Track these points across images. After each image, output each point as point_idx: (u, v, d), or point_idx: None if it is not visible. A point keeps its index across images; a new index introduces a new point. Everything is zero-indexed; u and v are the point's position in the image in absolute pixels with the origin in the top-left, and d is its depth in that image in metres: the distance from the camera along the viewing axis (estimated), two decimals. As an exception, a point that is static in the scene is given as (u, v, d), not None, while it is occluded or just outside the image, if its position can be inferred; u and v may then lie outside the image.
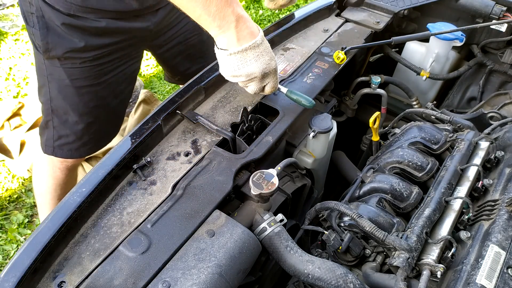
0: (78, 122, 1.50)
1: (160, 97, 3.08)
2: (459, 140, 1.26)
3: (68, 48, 1.35)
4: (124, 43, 1.43)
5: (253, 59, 1.03)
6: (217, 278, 0.86)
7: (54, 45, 1.34)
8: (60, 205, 0.95)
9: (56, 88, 1.44)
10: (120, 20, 1.37)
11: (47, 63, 1.40)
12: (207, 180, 1.03)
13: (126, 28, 1.39)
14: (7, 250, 2.20)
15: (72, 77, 1.41)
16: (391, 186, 1.14)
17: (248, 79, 1.09)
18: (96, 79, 1.45)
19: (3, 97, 2.95)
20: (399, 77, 1.84)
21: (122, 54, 1.47)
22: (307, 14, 1.57)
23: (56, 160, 1.62)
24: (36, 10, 1.31)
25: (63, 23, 1.31)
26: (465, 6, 1.71)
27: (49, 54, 1.36)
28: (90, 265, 0.89)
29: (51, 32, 1.33)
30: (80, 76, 1.42)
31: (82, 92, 1.45)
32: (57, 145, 1.54)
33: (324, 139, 1.25)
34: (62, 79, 1.42)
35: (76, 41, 1.34)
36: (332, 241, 1.02)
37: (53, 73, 1.42)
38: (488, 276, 0.88)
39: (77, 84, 1.43)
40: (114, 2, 1.32)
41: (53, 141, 1.54)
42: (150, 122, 1.14)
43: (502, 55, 1.75)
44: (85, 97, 1.47)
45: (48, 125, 1.53)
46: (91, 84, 1.45)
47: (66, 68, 1.39)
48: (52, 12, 1.30)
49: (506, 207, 1.01)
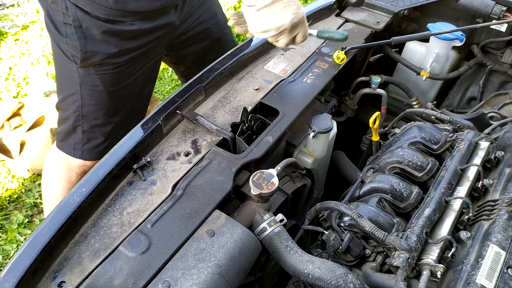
0: (107, 123, 1.52)
1: (160, 97, 3.08)
2: (459, 140, 1.26)
3: (106, 55, 1.36)
4: (153, 43, 1.45)
5: (281, 10, 1.05)
6: (217, 278, 0.86)
7: (93, 53, 1.35)
8: (60, 205, 0.95)
9: (89, 94, 1.45)
10: (149, 20, 1.38)
11: (81, 71, 1.40)
12: (207, 180, 1.03)
13: (155, 26, 1.41)
14: (7, 250, 2.20)
15: (105, 83, 1.43)
16: (391, 186, 1.14)
17: (278, 32, 1.11)
18: (126, 80, 1.47)
19: (3, 97, 2.95)
20: (399, 77, 1.84)
21: (150, 53, 1.49)
22: (307, 14, 1.56)
23: (74, 165, 1.62)
24: (73, 20, 1.30)
25: (103, 31, 1.32)
26: (465, 6, 1.71)
27: (86, 62, 1.37)
28: (90, 265, 0.89)
29: (90, 40, 1.34)
30: (112, 81, 1.44)
31: (113, 95, 1.47)
32: (86, 148, 1.56)
33: (324, 139, 1.25)
34: (95, 85, 1.43)
35: (112, 47, 1.36)
36: (332, 241, 1.02)
37: (86, 80, 1.42)
38: (488, 276, 0.88)
39: (109, 89, 1.45)
40: (148, 1, 1.33)
41: (81, 145, 1.55)
42: (150, 122, 1.14)
43: (502, 55, 1.75)
44: (116, 100, 1.49)
45: (76, 130, 1.53)
46: (121, 87, 1.47)
47: (101, 75, 1.41)
48: (91, 21, 1.31)
49: (506, 207, 1.01)
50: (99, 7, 1.28)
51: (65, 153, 1.59)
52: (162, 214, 0.96)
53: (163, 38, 1.51)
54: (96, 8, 1.28)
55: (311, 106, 1.34)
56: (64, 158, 1.61)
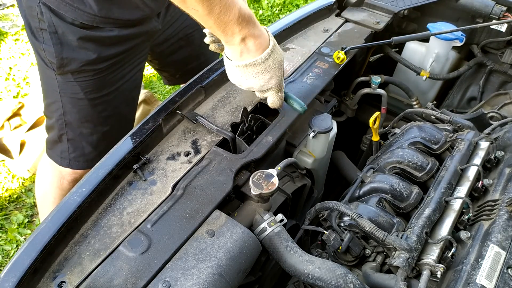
0: (93, 132, 1.49)
1: (160, 97, 3.08)
2: (459, 140, 1.26)
3: (83, 62, 1.33)
4: (132, 49, 1.43)
5: (251, 75, 1.07)
6: (217, 278, 0.86)
7: (69, 60, 1.32)
8: (60, 205, 0.95)
9: (70, 102, 1.42)
10: (131, 27, 1.36)
11: (60, 79, 1.37)
12: (207, 180, 1.03)
13: (136, 33, 1.39)
14: (7, 250, 2.20)
15: (85, 90, 1.39)
16: (391, 186, 1.14)
17: (249, 89, 1.14)
18: (108, 88, 1.44)
19: (3, 97, 2.95)
20: (399, 77, 1.84)
21: (131, 60, 1.46)
22: (307, 14, 1.57)
23: (65, 172, 1.60)
24: (48, 26, 1.27)
25: (79, 38, 1.29)
26: (465, 6, 1.71)
27: (63, 69, 1.33)
28: (90, 265, 0.89)
29: (66, 47, 1.30)
30: (93, 88, 1.40)
31: (95, 103, 1.44)
32: (73, 157, 1.53)
33: (324, 139, 1.25)
34: (75, 93, 1.40)
35: (90, 54, 1.32)
36: (332, 241, 1.02)
37: (66, 88, 1.39)
38: (488, 276, 0.88)
39: (90, 96, 1.41)
40: (133, 10, 1.31)
41: (68, 154, 1.52)
42: (150, 122, 1.14)
43: (502, 55, 1.75)
44: (99, 108, 1.45)
45: (62, 138, 1.50)
46: (104, 94, 1.44)
47: (80, 82, 1.37)
48: (66, 27, 1.27)
49: (506, 207, 1.01)
50: (82, 13, 1.25)
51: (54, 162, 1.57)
52: (162, 214, 0.96)
53: (144, 44, 1.49)
54: (78, 13, 1.25)
55: (311, 106, 1.34)
56: (55, 166, 1.58)
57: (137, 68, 1.52)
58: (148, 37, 1.47)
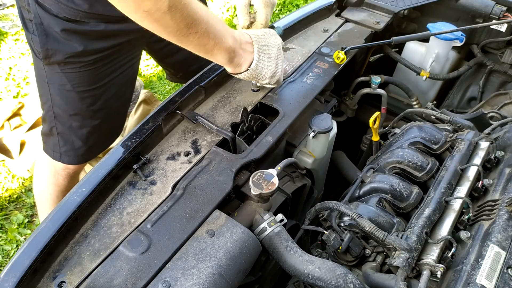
0: (82, 126, 1.49)
1: (160, 97, 3.08)
2: (459, 140, 1.26)
3: (68, 53, 1.34)
4: (123, 45, 1.43)
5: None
6: (217, 278, 0.86)
7: (54, 51, 1.33)
8: (60, 205, 0.95)
9: (58, 94, 1.43)
10: (118, 23, 1.36)
11: (47, 69, 1.38)
12: (207, 180, 1.03)
13: (127, 29, 1.39)
14: (7, 250, 2.20)
15: (73, 82, 1.40)
16: (391, 186, 1.14)
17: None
18: (97, 82, 1.44)
19: (3, 97, 2.95)
20: (399, 77, 1.84)
21: (122, 55, 1.46)
22: (307, 14, 1.57)
23: (59, 167, 1.61)
24: (34, 17, 1.29)
25: (62, 29, 1.30)
26: (465, 6, 1.71)
27: (49, 60, 1.35)
28: (90, 265, 0.89)
29: (51, 38, 1.32)
30: (81, 80, 1.41)
31: (84, 96, 1.44)
32: (64, 151, 1.53)
33: (324, 139, 1.25)
34: (63, 84, 1.41)
35: (76, 46, 1.33)
36: (332, 241, 1.02)
37: (53, 79, 1.40)
38: (488, 276, 0.88)
39: (78, 89, 1.42)
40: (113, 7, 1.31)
41: (59, 147, 1.53)
42: (150, 122, 1.14)
43: (502, 55, 1.75)
44: (88, 101, 1.46)
45: (52, 131, 1.51)
46: (93, 88, 1.44)
47: (67, 73, 1.38)
48: (51, 19, 1.29)
49: (506, 207, 1.01)
50: (65, 7, 1.25)
51: (48, 156, 1.58)
52: (162, 214, 0.96)
53: (139, 40, 1.48)
54: (61, 8, 1.26)
55: (311, 106, 1.34)
56: (50, 161, 1.59)
57: (129, 64, 1.51)
58: (142, 33, 1.47)
